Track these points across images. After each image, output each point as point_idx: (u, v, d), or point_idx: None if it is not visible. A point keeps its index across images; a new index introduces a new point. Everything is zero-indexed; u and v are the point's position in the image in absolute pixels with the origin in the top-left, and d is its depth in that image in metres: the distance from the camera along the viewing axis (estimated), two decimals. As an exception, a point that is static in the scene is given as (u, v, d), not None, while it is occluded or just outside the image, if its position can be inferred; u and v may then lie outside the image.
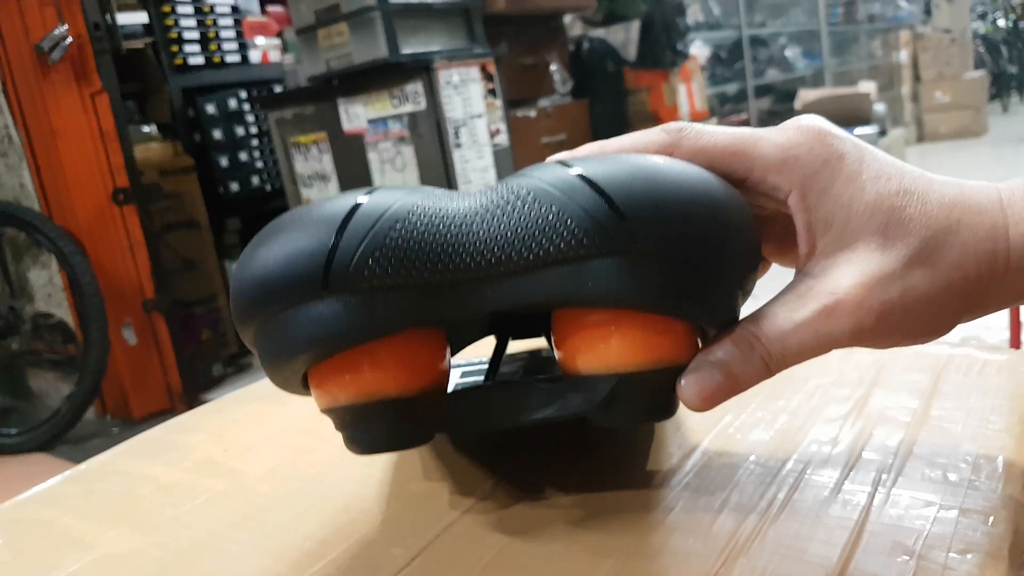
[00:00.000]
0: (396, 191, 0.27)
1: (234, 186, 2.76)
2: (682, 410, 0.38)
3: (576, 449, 0.35)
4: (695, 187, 0.26)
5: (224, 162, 2.73)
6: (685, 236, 0.25)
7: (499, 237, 0.25)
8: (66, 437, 2.18)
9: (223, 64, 2.74)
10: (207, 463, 0.39)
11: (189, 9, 2.63)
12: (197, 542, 0.32)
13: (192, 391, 2.38)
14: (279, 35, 3.04)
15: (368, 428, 0.28)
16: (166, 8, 2.57)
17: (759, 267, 0.29)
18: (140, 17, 2.53)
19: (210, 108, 2.68)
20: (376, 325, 0.25)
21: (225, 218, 2.76)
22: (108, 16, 2.20)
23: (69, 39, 2.12)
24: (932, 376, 0.38)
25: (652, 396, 0.28)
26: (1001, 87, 7.09)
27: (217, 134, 2.71)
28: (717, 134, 0.29)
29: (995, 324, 1.98)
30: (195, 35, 2.65)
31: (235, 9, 2.77)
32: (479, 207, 0.26)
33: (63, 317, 2.33)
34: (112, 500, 0.37)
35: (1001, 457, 0.30)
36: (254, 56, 2.86)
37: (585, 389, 0.28)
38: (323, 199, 0.27)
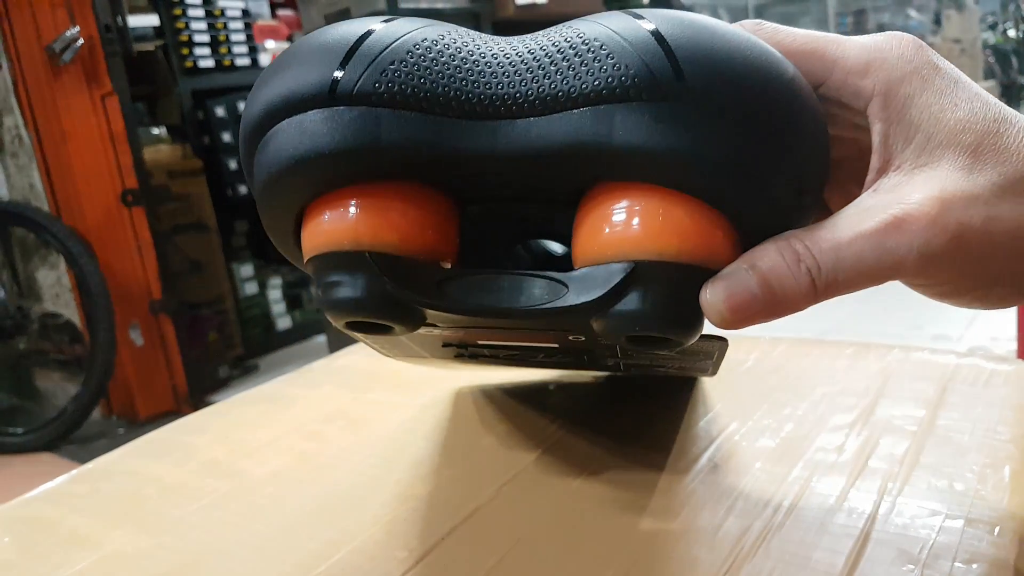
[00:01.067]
0: (422, 20, 0.25)
1: (243, 189, 2.76)
2: (689, 414, 0.38)
3: (581, 454, 0.35)
4: (771, 66, 0.23)
5: (233, 165, 2.74)
6: (744, 106, 0.22)
7: (531, 74, 0.23)
8: (72, 437, 2.18)
9: (233, 67, 2.75)
10: (213, 464, 0.39)
11: (200, 12, 2.64)
12: (202, 542, 0.32)
13: (198, 393, 2.39)
14: (289, 39, 3.05)
15: (349, 281, 0.25)
16: (177, 11, 2.58)
17: (821, 187, 0.26)
18: (151, 20, 2.54)
19: (220, 111, 2.69)
20: (378, 145, 0.23)
21: (233, 221, 2.76)
22: (119, 18, 2.21)
23: (80, 41, 2.13)
24: (939, 386, 0.38)
25: (670, 296, 0.23)
26: (1011, 98, 7.07)
27: (226, 137, 2.72)
28: (796, 32, 0.26)
29: (1003, 334, 1.98)
30: (205, 38, 2.66)
31: (245, 12, 2.78)
32: (521, 48, 0.24)
33: (70, 317, 2.34)
34: (118, 500, 0.37)
35: (1008, 468, 0.30)
36: (264, 59, 2.87)
37: (595, 280, 0.24)
38: (339, 23, 0.25)
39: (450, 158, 0.24)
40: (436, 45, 0.24)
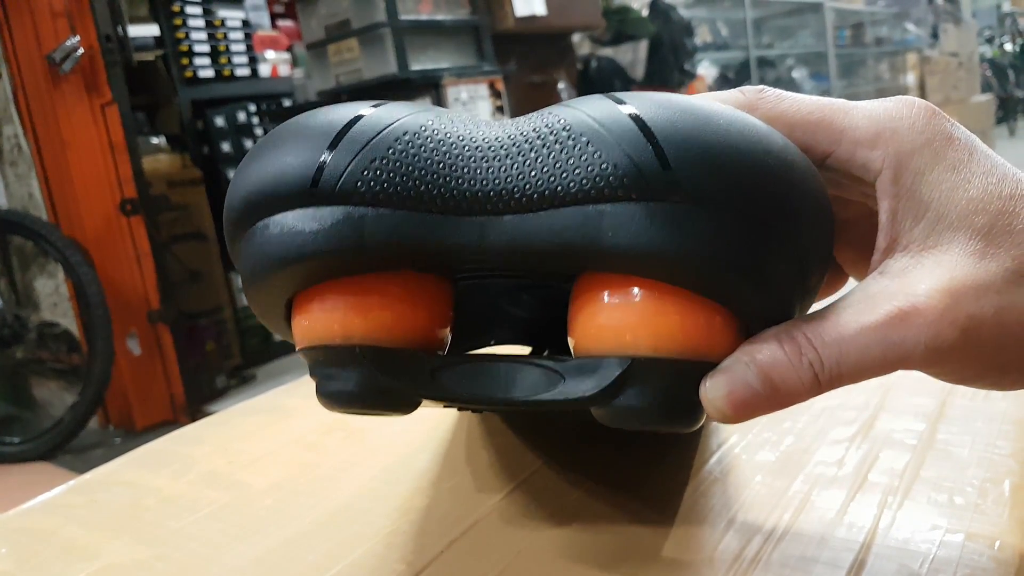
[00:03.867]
0: (409, 105, 0.24)
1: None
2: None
3: (583, 465, 0.35)
4: (761, 145, 0.22)
5: (232, 175, 2.75)
6: (738, 196, 0.21)
7: (515, 168, 0.22)
8: (68, 447, 2.18)
9: (233, 77, 2.76)
10: (211, 475, 0.39)
11: (200, 22, 2.65)
12: (200, 554, 0.32)
13: (195, 403, 2.39)
14: (289, 49, 3.06)
15: (341, 375, 0.25)
16: (177, 21, 2.59)
17: (828, 261, 0.24)
18: (151, 30, 2.55)
19: (219, 121, 2.70)
20: (361, 244, 0.23)
21: (232, 230, 2.77)
22: (120, 28, 2.22)
23: (81, 50, 2.14)
24: (938, 400, 0.38)
25: (669, 392, 0.23)
26: (1008, 111, 7.11)
27: (226, 147, 2.73)
28: (801, 100, 0.25)
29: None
30: (206, 48, 2.67)
31: (246, 23, 2.79)
32: (504, 136, 0.23)
33: (68, 326, 2.34)
34: (116, 511, 0.36)
35: (1008, 481, 0.30)
36: (264, 70, 2.88)
37: (591, 373, 0.23)
38: (328, 107, 0.25)
39: (436, 252, 0.23)
40: (418, 139, 0.23)
